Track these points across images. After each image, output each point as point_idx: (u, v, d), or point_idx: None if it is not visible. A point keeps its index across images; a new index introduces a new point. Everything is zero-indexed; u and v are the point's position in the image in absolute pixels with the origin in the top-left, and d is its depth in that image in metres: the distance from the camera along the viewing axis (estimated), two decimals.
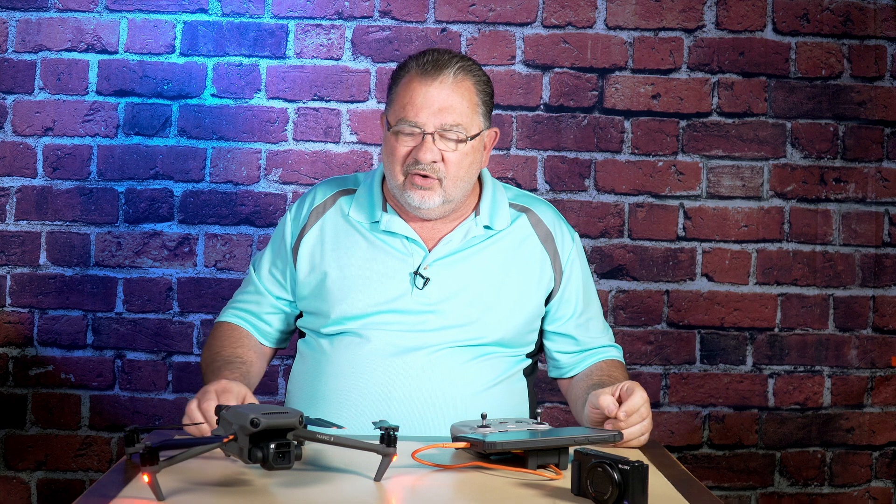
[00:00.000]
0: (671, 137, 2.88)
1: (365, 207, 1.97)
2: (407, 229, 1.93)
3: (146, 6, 2.83)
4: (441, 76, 1.86)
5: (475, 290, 1.92)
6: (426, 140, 1.85)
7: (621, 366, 2.02)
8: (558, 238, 2.00)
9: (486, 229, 1.96)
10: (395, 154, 1.88)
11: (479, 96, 1.90)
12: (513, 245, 1.97)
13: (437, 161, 1.86)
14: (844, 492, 2.91)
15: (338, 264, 1.94)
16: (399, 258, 1.93)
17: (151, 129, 2.84)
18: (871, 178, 2.90)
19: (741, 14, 2.87)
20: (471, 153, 1.89)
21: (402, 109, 1.87)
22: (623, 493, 1.36)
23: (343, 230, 1.97)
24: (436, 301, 1.91)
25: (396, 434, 1.50)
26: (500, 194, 2.01)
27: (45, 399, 2.85)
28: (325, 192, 2.02)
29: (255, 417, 1.40)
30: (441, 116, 1.85)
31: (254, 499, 1.40)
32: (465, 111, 1.87)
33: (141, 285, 2.85)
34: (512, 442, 1.54)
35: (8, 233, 2.84)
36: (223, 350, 1.96)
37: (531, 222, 1.99)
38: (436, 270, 1.92)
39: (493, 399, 1.92)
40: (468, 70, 1.89)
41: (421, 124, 1.85)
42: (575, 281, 2.01)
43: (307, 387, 1.95)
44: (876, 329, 2.92)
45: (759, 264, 2.89)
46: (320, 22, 2.85)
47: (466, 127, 1.87)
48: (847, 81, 2.89)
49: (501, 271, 1.95)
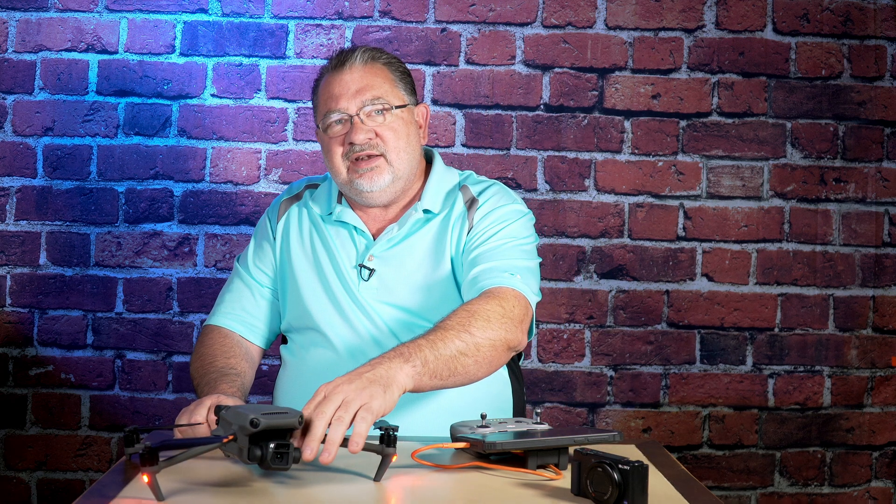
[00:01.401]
0: (671, 137, 2.88)
1: (323, 199, 2.03)
2: (356, 220, 1.98)
3: (146, 6, 2.83)
4: (349, 63, 1.93)
5: (417, 277, 1.93)
6: (354, 122, 1.91)
7: (480, 301, 1.80)
8: (481, 201, 1.96)
9: (425, 213, 1.97)
10: (332, 148, 1.93)
11: (394, 74, 1.96)
12: (446, 223, 1.96)
13: (373, 137, 1.90)
14: (844, 492, 2.91)
15: (302, 253, 2.00)
16: (348, 250, 1.97)
17: (151, 129, 2.84)
18: (871, 178, 2.90)
19: (741, 14, 2.87)
20: (404, 126, 1.93)
21: (325, 105, 1.94)
22: (623, 493, 1.36)
23: (304, 222, 2.03)
24: (383, 292, 1.93)
25: (396, 434, 1.51)
26: (449, 179, 2.01)
27: (45, 399, 2.85)
28: (297, 185, 2.10)
29: (254, 417, 1.40)
30: (360, 95, 1.91)
31: (254, 499, 1.40)
32: (381, 85, 1.93)
33: (141, 285, 2.85)
34: (512, 442, 1.54)
35: (8, 233, 2.84)
36: (216, 360, 1.95)
37: (464, 198, 1.98)
38: (380, 261, 1.95)
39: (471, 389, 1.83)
40: (374, 53, 1.96)
41: (344, 108, 1.91)
42: (482, 228, 1.93)
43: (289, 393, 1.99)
44: (876, 329, 2.92)
45: (759, 264, 2.89)
46: (320, 22, 2.85)
47: (388, 99, 1.92)
48: (847, 81, 2.89)
49: (438, 251, 1.94)
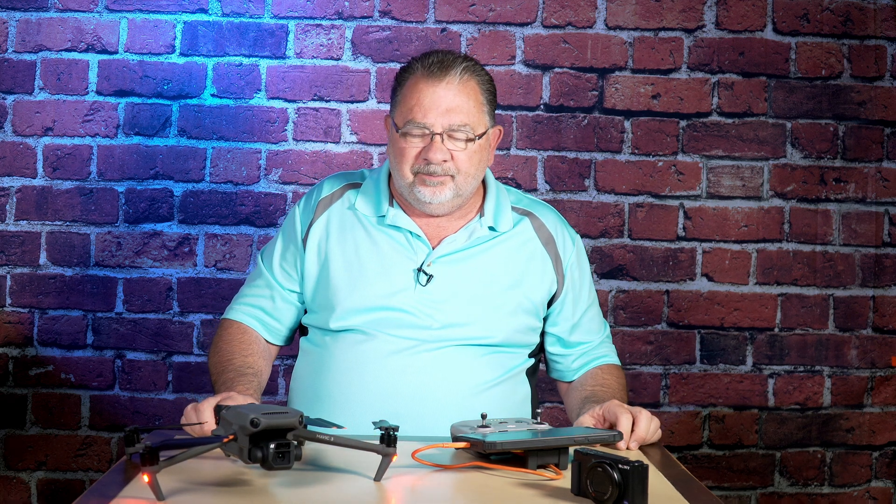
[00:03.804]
0: (671, 137, 2.88)
1: (371, 201, 1.98)
2: (412, 225, 1.94)
3: (146, 6, 2.83)
4: (447, 77, 1.87)
5: (478, 290, 1.93)
6: (435, 140, 1.87)
7: (616, 370, 2.05)
8: (559, 241, 2.01)
9: (490, 230, 1.97)
10: (405, 155, 1.89)
11: (483, 95, 1.92)
12: (515, 247, 1.98)
13: (448, 160, 1.87)
14: (844, 492, 2.91)
15: (343, 257, 1.95)
16: (403, 254, 1.94)
17: (151, 129, 2.84)
18: (871, 178, 2.90)
19: (741, 14, 2.87)
20: (479, 151, 1.91)
21: (409, 111, 1.88)
22: (623, 493, 1.36)
23: (349, 222, 1.97)
24: (439, 299, 1.91)
25: (396, 434, 1.51)
26: (504, 197, 2.02)
27: (45, 399, 2.85)
28: (332, 185, 2.03)
29: (255, 417, 1.40)
30: (449, 117, 1.87)
31: (254, 499, 1.40)
32: (471, 111, 1.89)
33: (141, 285, 2.85)
34: (512, 442, 1.54)
35: (8, 233, 2.84)
36: (234, 358, 1.94)
37: (534, 226, 2.01)
38: (439, 268, 1.93)
39: (497, 397, 1.93)
40: (473, 70, 1.91)
41: (429, 125, 1.87)
42: (577, 285, 2.02)
43: (311, 384, 1.96)
44: (876, 329, 2.92)
45: (759, 264, 2.89)
46: (320, 22, 2.85)
47: (474, 126, 1.89)
48: (847, 81, 2.89)
49: (504, 272, 1.96)
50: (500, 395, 1.94)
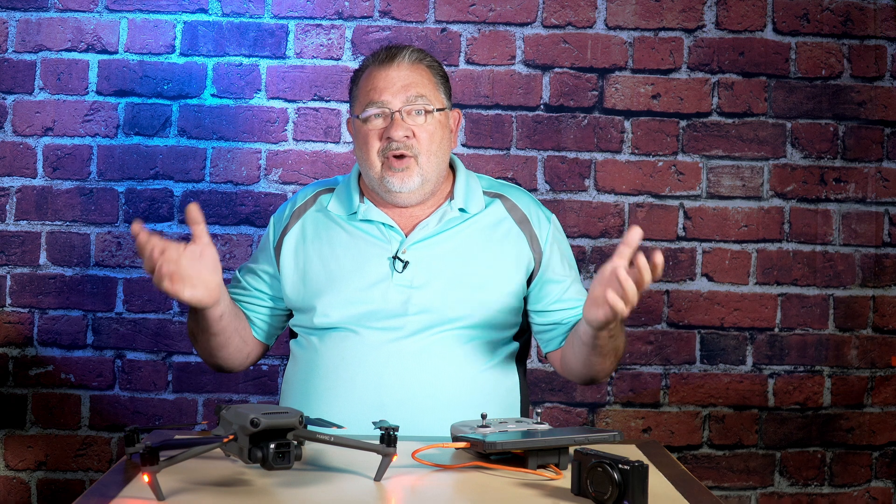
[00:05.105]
0: (671, 137, 2.88)
1: (343, 200, 2.03)
2: (384, 217, 1.99)
3: (146, 6, 2.83)
4: (397, 60, 1.96)
5: (454, 271, 1.96)
6: (395, 117, 1.93)
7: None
8: (534, 220, 2.03)
9: (461, 212, 2.00)
10: (368, 141, 1.95)
11: (435, 77, 2.00)
12: (488, 226, 2.01)
13: (410, 136, 1.93)
14: (844, 492, 2.91)
15: (320, 257, 1.99)
16: (378, 245, 1.97)
17: (151, 129, 2.85)
18: (871, 178, 2.90)
19: (741, 14, 2.87)
20: (439, 129, 1.96)
21: (366, 96, 1.96)
22: (623, 493, 1.36)
23: (323, 224, 2.02)
24: (416, 284, 1.94)
25: (396, 434, 1.51)
26: (474, 182, 2.06)
27: (45, 399, 2.85)
28: (305, 194, 2.09)
29: (255, 417, 1.40)
30: (405, 91, 1.94)
31: (254, 499, 1.40)
32: (426, 85, 1.97)
33: (141, 285, 2.85)
34: (512, 442, 1.54)
35: (8, 233, 2.84)
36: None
37: (506, 206, 2.04)
38: (414, 254, 1.96)
39: (486, 384, 1.94)
40: (420, 55, 2.00)
41: (387, 103, 1.94)
42: (555, 262, 2.03)
43: (300, 384, 1.98)
44: (876, 329, 2.92)
45: (759, 264, 2.89)
46: (320, 22, 2.85)
47: (430, 99, 1.96)
48: (847, 81, 2.89)
49: (480, 252, 1.98)
50: (489, 382, 1.95)
